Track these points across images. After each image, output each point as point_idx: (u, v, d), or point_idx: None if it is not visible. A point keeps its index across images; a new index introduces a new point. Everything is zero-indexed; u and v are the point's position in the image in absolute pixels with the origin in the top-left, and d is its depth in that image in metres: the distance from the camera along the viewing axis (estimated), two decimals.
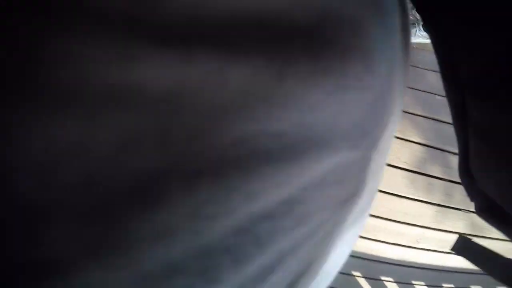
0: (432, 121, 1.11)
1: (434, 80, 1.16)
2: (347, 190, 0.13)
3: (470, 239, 0.83)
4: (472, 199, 0.13)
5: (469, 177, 0.13)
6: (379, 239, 1.02)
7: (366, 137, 0.13)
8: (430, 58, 1.19)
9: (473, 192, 0.13)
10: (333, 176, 0.12)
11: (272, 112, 0.10)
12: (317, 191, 0.11)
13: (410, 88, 1.15)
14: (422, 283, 1.01)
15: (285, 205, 0.11)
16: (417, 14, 1.21)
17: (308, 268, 0.13)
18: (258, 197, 0.10)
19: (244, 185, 0.09)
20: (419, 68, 1.17)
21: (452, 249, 0.84)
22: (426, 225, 1.04)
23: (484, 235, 1.04)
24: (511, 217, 0.11)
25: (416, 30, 1.18)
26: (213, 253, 0.09)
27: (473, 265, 0.75)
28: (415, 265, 1.02)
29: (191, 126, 0.09)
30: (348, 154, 0.12)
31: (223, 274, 0.09)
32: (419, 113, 1.11)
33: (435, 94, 1.14)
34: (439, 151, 1.08)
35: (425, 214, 1.05)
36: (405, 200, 1.05)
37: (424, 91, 1.14)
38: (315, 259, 0.13)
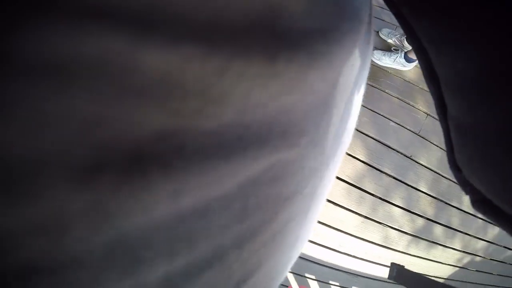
0: (380, 145, 1.21)
1: (395, 107, 1.25)
2: (287, 188, 0.13)
3: (403, 266, 0.94)
4: (465, 192, 0.13)
5: (456, 169, 0.13)
6: (309, 239, 1.13)
7: (304, 136, 0.12)
8: (400, 86, 1.27)
9: (463, 183, 0.13)
10: (270, 174, 0.12)
11: (206, 109, 0.09)
12: (253, 189, 0.11)
13: (371, 110, 1.22)
14: (337, 283, 1.17)
15: (219, 202, 0.10)
16: (404, 42, 1.24)
17: (259, 268, 0.13)
18: (184, 194, 0.09)
19: (165, 183, 0.09)
20: (385, 93, 1.24)
21: (389, 277, 0.94)
22: (350, 232, 1.18)
23: (392, 247, 1.23)
24: (501, 210, 0.11)
25: (397, 57, 1.23)
26: (126, 247, 0.09)
27: None
28: (334, 267, 1.17)
29: (82, 110, 0.07)
30: (285, 152, 0.12)
31: (142, 267, 0.09)
32: (372, 135, 1.21)
33: (391, 120, 1.23)
34: (377, 171, 1.21)
35: (352, 223, 1.19)
36: (338, 208, 1.17)
37: (383, 116, 1.23)
38: (265, 260, 0.13)
